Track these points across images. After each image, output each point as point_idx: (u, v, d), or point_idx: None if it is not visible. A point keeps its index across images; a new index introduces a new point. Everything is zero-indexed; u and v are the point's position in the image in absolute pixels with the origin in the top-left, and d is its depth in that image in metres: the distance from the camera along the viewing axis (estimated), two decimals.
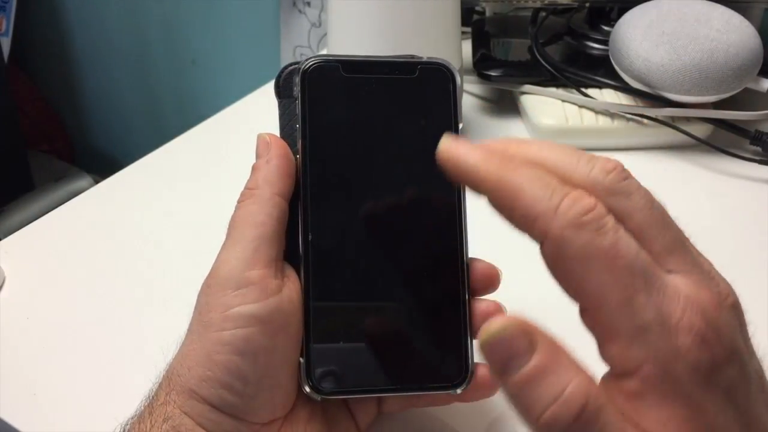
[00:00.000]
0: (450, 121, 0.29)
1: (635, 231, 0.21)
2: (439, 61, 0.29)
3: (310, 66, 0.28)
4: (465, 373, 0.28)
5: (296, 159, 0.28)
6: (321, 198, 0.28)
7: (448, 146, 0.23)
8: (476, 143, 0.23)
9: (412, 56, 0.29)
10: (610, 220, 0.20)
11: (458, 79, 0.29)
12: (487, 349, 0.20)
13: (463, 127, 0.29)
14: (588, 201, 0.20)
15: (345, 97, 0.28)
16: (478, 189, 0.22)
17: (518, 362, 0.19)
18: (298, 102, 0.28)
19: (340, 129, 0.28)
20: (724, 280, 0.22)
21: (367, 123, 0.28)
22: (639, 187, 0.21)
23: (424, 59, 0.29)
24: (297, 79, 0.28)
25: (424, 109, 0.29)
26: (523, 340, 0.20)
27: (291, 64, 0.29)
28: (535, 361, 0.19)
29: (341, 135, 0.28)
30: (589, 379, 0.20)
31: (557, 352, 0.20)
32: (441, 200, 0.28)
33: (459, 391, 0.28)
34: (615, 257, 0.20)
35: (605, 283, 0.20)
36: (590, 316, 0.21)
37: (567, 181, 0.21)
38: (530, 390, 0.19)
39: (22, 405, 0.34)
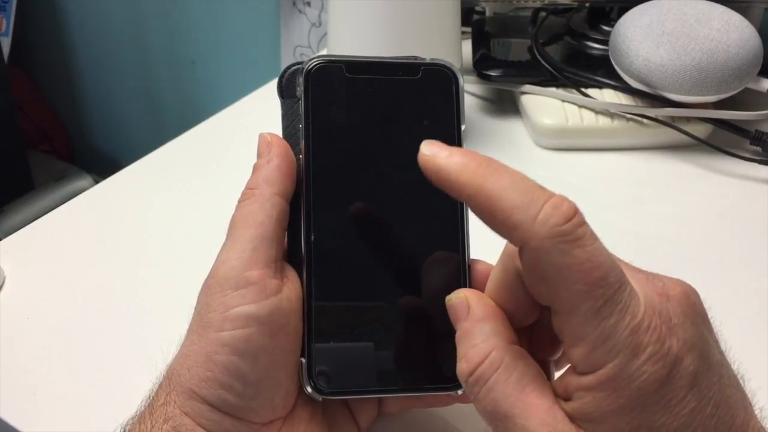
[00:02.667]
0: (453, 122, 0.29)
1: None
2: (443, 63, 0.29)
3: (313, 66, 0.28)
4: None
5: (299, 159, 0.28)
6: (323, 198, 0.28)
7: (429, 151, 0.23)
8: (457, 148, 0.23)
9: (416, 57, 0.29)
10: (588, 230, 0.21)
11: (461, 80, 0.29)
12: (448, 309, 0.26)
13: (465, 128, 0.29)
14: (567, 207, 0.21)
15: (348, 97, 0.28)
16: (459, 196, 0.22)
17: (457, 325, 0.25)
18: (301, 102, 0.28)
19: (343, 129, 0.28)
20: (669, 278, 0.23)
21: (370, 124, 0.28)
22: None
23: (428, 61, 0.29)
24: (300, 79, 0.28)
25: (427, 111, 0.29)
26: (461, 308, 0.25)
27: (294, 64, 0.29)
28: (461, 327, 0.25)
29: (344, 135, 0.28)
30: (501, 347, 0.23)
31: (483, 320, 0.24)
32: (443, 201, 0.28)
33: (460, 392, 0.28)
34: (591, 269, 0.20)
35: (579, 293, 0.20)
36: (559, 321, 0.22)
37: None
38: (459, 346, 0.24)
39: (22, 405, 0.34)
